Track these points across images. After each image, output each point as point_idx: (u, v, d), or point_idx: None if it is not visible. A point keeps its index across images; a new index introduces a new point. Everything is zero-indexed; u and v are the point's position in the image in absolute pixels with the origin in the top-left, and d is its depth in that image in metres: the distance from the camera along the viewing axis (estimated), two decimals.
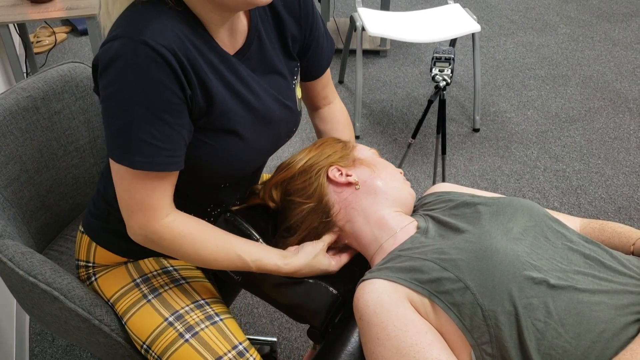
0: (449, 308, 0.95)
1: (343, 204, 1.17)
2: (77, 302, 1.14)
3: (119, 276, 1.22)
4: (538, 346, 0.91)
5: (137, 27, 0.91)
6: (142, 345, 1.16)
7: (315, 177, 1.17)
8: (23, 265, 1.13)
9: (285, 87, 1.16)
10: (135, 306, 1.17)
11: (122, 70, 0.90)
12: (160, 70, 0.91)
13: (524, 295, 0.93)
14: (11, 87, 1.36)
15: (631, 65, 3.48)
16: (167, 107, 0.93)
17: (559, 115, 3.05)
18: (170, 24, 0.93)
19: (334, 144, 1.25)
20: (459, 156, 2.77)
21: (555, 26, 3.96)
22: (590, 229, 1.21)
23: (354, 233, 1.17)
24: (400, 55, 3.63)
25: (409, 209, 1.22)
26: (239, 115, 1.05)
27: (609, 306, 0.93)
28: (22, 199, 1.37)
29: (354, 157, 1.22)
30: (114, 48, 0.91)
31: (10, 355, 1.69)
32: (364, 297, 1.00)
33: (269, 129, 1.13)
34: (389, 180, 1.20)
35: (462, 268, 0.97)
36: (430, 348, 0.93)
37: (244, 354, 1.14)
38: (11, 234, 1.20)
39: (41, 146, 1.40)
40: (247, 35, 1.08)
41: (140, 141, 0.94)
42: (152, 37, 0.90)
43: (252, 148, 1.11)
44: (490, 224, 1.06)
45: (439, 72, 1.97)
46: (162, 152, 0.96)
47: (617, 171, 2.67)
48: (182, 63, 0.93)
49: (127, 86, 0.91)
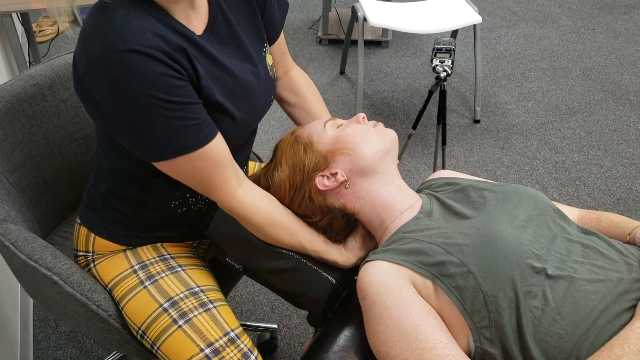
0: (451, 291, 0.97)
1: (349, 199, 1.17)
2: (76, 287, 1.16)
3: (118, 262, 1.23)
4: (535, 333, 0.93)
5: (116, 38, 0.92)
6: (137, 331, 1.18)
7: (309, 198, 1.18)
8: (25, 249, 1.15)
9: (257, 55, 1.18)
10: (132, 292, 1.19)
11: (123, 82, 0.92)
12: (156, 65, 0.93)
13: (525, 282, 0.95)
14: (19, 74, 1.38)
15: (632, 58, 3.49)
16: (179, 91, 0.96)
17: (559, 107, 3.06)
18: (141, 25, 0.95)
19: (294, 149, 1.21)
20: (460, 147, 2.78)
21: (557, 18, 3.96)
22: (587, 219, 1.22)
23: (366, 218, 1.18)
24: (402, 45, 3.64)
25: (396, 150, 1.20)
26: (223, 96, 1.08)
27: (604, 295, 0.95)
28: (28, 185, 1.39)
29: (322, 152, 1.18)
30: (105, 64, 0.92)
31: (15, 340, 1.72)
32: (368, 278, 1.02)
33: (250, 103, 1.15)
34: (366, 147, 1.16)
35: (466, 253, 0.98)
36: (432, 329, 0.95)
37: (235, 341, 1.16)
38: (15, 219, 1.21)
39: (47, 133, 1.42)
40: (209, 8, 1.09)
41: (180, 127, 0.97)
42: (136, 43, 0.92)
43: (241, 123, 1.14)
44: (496, 210, 1.08)
45: (440, 63, 1.98)
46: (201, 125, 1.00)
47: (616, 163, 2.68)
48: (170, 54, 0.96)
49: (136, 93, 0.93)
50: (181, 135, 0.98)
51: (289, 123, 2.92)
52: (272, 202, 1.15)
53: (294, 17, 3.97)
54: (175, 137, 0.98)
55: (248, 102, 1.14)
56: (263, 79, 1.18)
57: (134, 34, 0.93)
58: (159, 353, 1.16)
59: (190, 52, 1.01)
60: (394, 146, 1.19)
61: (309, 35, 3.74)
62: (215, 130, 1.03)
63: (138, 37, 0.93)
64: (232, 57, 1.11)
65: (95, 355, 1.83)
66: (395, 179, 1.19)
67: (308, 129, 1.22)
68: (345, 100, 3.11)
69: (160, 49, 0.94)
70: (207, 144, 1.01)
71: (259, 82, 1.17)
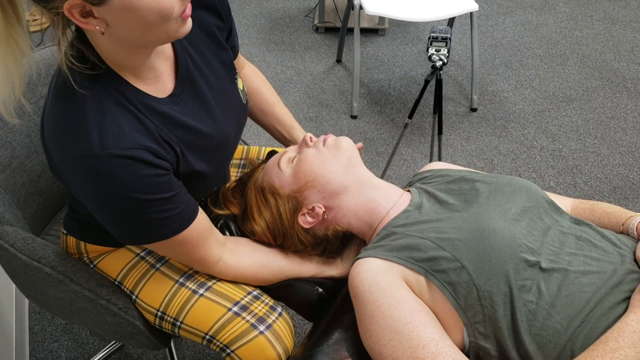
0: (444, 287, 0.96)
1: (334, 222, 1.18)
2: (83, 283, 1.16)
3: (121, 255, 1.23)
4: (529, 327, 0.93)
5: (93, 141, 0.88)
6: (155, 314, 1.17)
7: (299, 240, 1.19)
8: (25, 250, 1.14)
9: (230, 90, 1.16)
10: (145, 277, 1.19)
11: (107, 184, 0.90)
12: (138, 168, 0.91)
13: (519, 276, 0.95)
14: None
15: (630, 45, 3.47)
16: (162, 188, 0.95)
17: (556, 95, 3.05)
18: (115, 120, 0.91)
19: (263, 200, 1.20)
20: (456, 136, 2.77)
21: (554, 4, 3.93)
22: (580, 209, 1.22)
23: (356, 230, 1.19)
24: (399, 34, 3.61)
25: (355, 155, 1.19)
26: (200, 162, 1.07)
27: (598, 287, 0.95)
28: (15, 185, 1.36)
29: (290, 194, 1.17)
30: (81, 166, 0.89)
31: (10, 333, 1.71)
32: (360, 276, 1.02)
33: (226, 152, 1.17)
34: (326, 172, 1.16)
35: (459, 248, 0.98)
36: (425, 327, 0.94)
37: (260, 297, 1.18)
38: (9, 220, 1.20)
39: (29, 131, 1.39)
40: (176, 57, 1.05)
41: (161, 219, 0.97)
42: (115, 146, 0.89)
43: (218, 173, 1.18)
44: (489, 203, 1.07)
45: (436, 52, 1.96)
46: (182, 212, 1.00)
47: (613, 151, 2.68)
48: (153, 150, 0.93)
49: (119, 194, 0.91)
50: (160, 225, 0.98)
51: None
52: (256, 251, 1.18)
53: (290, 5, 3.94)
54: (154, 227, 0.98)
55: (224, 154, 1.16)
56: (239, 118, 1.19)
57: (112, 135, 0.89)
58: (183, 327, 1.16)
59: (164, 128, 0.98)
60: (352, 153, 1.18)
61: (305, 24, 3.71)
62: (196, 211, 1.04)
63: (116, 138, 0.89)
64: (203, 112, 1.08)
65: (91, 347, 1.83)
66: (369, 181, 1.18)
67: (267, 176, 1.21)
68: (341, 88, 3.09)
69: (143, 147, 0.91)
70: (186, 228, 1.01)
71: (235, 126, 1.17)
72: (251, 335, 1.12)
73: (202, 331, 1.14)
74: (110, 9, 0.81)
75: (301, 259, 1.21)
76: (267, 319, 1.14)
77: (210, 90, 1.10)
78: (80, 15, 0.82)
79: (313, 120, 2.86)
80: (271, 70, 3.24)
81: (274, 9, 3.88)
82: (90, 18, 0.83)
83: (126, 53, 0.92)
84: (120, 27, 0.85)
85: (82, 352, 1.82)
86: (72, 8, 0.81)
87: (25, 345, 1.81)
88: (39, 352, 1.81)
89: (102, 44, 0.91)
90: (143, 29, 0.86)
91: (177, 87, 1.03)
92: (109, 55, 0.93)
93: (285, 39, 3.54)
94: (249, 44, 3.49)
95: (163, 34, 0.88)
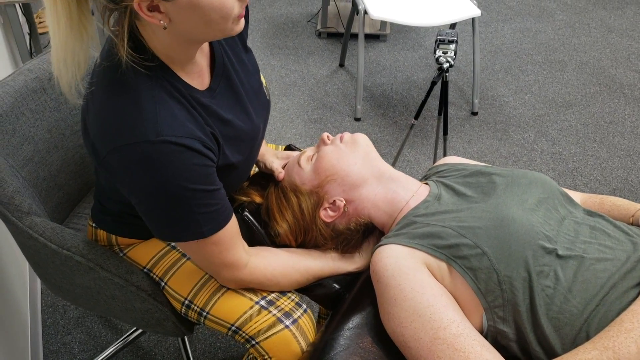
0: (465, 272, 1.00)
1: (355, 214, 1.21)
2: (113, 270, 1.18)
3: (151, 245, 1.26)
4: (547, 311, 0.96)
5: (147, 128, 0.91)
6: (183, 302, 1.20)
7: (321, 235, 1.22)
8: (55, 239, 1.16)
9: (258, 88, 1.20)
10: (176, 265, 1.22)
11: (158, 170, 0.92)
12: (190, 156, 0.94)
13: (537, 262, 0.99)
14: (18, 69, 1.38)
15: (626, 52, 3.54)
16: (208, 179, 0.99)
17: (555, 100, 3.11)
18: (169, 110, 0.95)
19: (285, 201, 1.24)
20: (458, 139, 2.82)
21: (552, 13, 4.00)
22: (590, 202, 1.26)
23: (377, 221, 1.22)
24: (400, 39, 3.67)
25: (372, 148, 1.24)
26: (235, 155, 1.10)
27: (612, 273, 0.99)
28: (37, 179, 1.39)
29: (312, 189, 1.22)
30: (133, 153, 0.91)
31: (25, 326, 1.74)
32: (383, 262, 1.05)
33: (254, 146, 1.19)
34: (345, 165, 1.20)
35: (479, 235, 1.01)
36: (446, 310, 0.98)
37: (286, 293, 1.21)
38: (37, 212, 1.23)
39: (50, 127, 1.42)
40: (212, 53, 1.09)
41: (202, 214, 0.99)
42: (169, 133, 0.92)
43: (247, 167, 1.20)
44: (506, 194, 1.11)
45: (443, 54, 2.01)
46: (221, 210, 1.02)
47: (612, 154, 2.73)
48: (204, 142, 0.97)
49: (168, 181, 0.93)
50: (201, 220, 1.00)
51: (290, 114, 2.95)
52: (280, 253, 1.20)
53: (293, 10, 3.99)
54: (195, 222, 0.99)
55: (255, 147, 1.19)
56: (265, 113, 1.22)
57: (166, 123, 0.92)
58: (209, 318, 1.18)
59: (208, 120, 1.02)
60: (368, 147, 1.23)
61: (308, 29, 3.76)
62: (231, 213, 1.06)
63: (171, 126, 0.93)
64: (237, 105, 1.12)
65: (104, 340, 1.86)
66: (387, 172, 1.22)
67: (287, 176, 1.26)
68: (345, 92, 3.14)
69: (195, 137, 0.95)
70: (222, 228, 1.03)
71: (263, 119, 1.21)
72: (277, 328, 1.14)
73: (228, 322, 1.17)
74: (176, 4, 0.86)
75: (323, 257, 1.24)
76: (292, 314, 1.17)
77: (242, 85, 1.14)
78: (147, 9, 0.86)
79: (317, 122, 2.90)
80: (275, 73, 3.28)
81: (277, 14, 3.93)
82: (156, 12, 0.87)
83: (180, 48, 0.96)
84: (183, 23, 0.89)
85: (94, 344, 1.84)
86: (142, 1, 0.85)
87: (39, 339, 1.83)
88: (52, 345, 1.84)
89: (158, 38, 0.94)
90: (204, 26, 0.90)
91: (213, 82, 1.07)
92: (162, 50, 0.96)
93: (289, 44, 3.59)
94: (253, 47, 3.53)
95: (219, 32, 0.93)
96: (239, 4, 0.91)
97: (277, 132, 2.84)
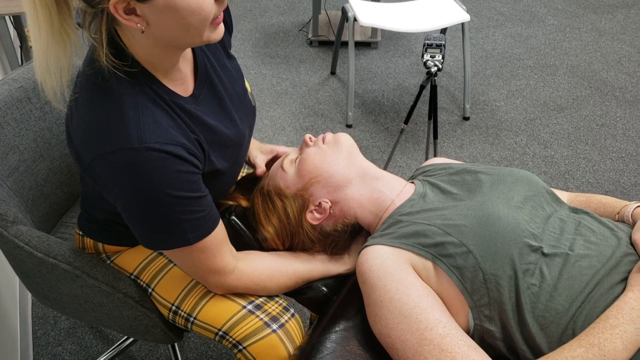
0: (451, 271, 0.99)
1: (341, 215, 1.20)
2: (100, 277, 1.17)
3: (138, 251, 1.25)
4: (533, 309, 0.96)
5: (131, 135, 0.91)
6: (170, 308, 1.19)
7: (308, 238, 1.22)
8: (41, 248, 1.15)
9: (242, 95, 1.19)
10: (162, 271, 1.21)
11: (142, 177, 0.92)
12: (174, 163, 0.93)
13: (523, 261, 0.98)
14: (3, 79, 1.37)
15: (617, 55, 3.55)
16: (193, 186, 0.98)
17: (547, 104, 3.11)
18: (152, 116, 0.94)
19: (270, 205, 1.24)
20: (450, 144, 2.82)
21: (543, 17, 4.02)
22: (577, 201, 1.26)
23: (362, 221, 1.22)
24: (391, 46, 3.68)
25: (355, 148, 1.24)
26: (220, 161, 1.10)
27: (597, 269, 0.98)
28: (23, 189, 1.38)
29: (296, 192, 1.21)
30: (121, 160, 0.91)
31: (15, 338, 1.72)
32: (368, 263, 1.05)
33: (240, 152, 1.19)
34: (328, 166, 1.20)
35: (465, 233, 1.01)
36: (432, 310, 0.97)
37: (274, 298, 1.20)
38: (22, 220, 1.22)
39: (36, 136, 1.41)
40: (195, 60, 1.09)
41: (188, 221, 0.98)
42: (153, 140, 0.91)
43: (234, 173, 1.19)
44: (492, 192, 1.11)
45: (431, 58, 2.02)
46: (207, 217, 1.02)
47: (604, 157, 2.73)
48: (188, 149, 0.97)
49: (152, 189, 0.93)
50: (186, 227, 0.99)
51: (281, 122, 2.95)
52: (268, 257, 1.19)
53: (284, 19, 4.00)
54: (180, 229, 0.99)
55: (240, 153, 1.18)
56: (250, 118, 1.22)
57: (149, 130, 0.92)
58: (196, 323, 1.18)
59: (193, 126, 1.01)
60: (351, 147, 1.23)
61: (299, 37, 3.77)
62: (217, 219, 1.06)
63: (154, 133, 0.92)
64: (221, 112, 1.12)
65: (95, 350, 1.84)
66: (371, 171, 1.21)
67: (271, 180, 1.25)
68: (336, 99, 3.14)
69: (179, 143, 0.94)
70: (208, 235, 1.03)
71: (248, 126, 1.20)
72: (264, 333, 1.13)
73: (215, 327, 1.16)
74: (152, 7, 0.85)
75: (312, 259, 1.23)
76: (280, 318, 1.16)
77: (226, 91, 1.13)
78: (124, 12, 0.86)
79: (309, 129, 2.90)
80: (267, 82, 3.29)
81: (268, 24, 3.94)
82: (133, 16, 0.87)
83: (161, 53, 0.96)
84: (160, 27, 0.89)
85: (85, 355, 1.83)
86: (117, 4, 0.84)
87: (29, 350, 1.82)
88: (43, 356, 1.82)
89: (138, 43, 0.94)
90: (182, 30, 0.89)
91: (197, 88, 1.07)
92: (143, 56, 0.96)
93: (280, 52, 3.60)
94: (244, 57, 3.54)
95: (198, 37, 0.92)
96: (217, 7, 0.91)
97: (269, 140, 2.84)
